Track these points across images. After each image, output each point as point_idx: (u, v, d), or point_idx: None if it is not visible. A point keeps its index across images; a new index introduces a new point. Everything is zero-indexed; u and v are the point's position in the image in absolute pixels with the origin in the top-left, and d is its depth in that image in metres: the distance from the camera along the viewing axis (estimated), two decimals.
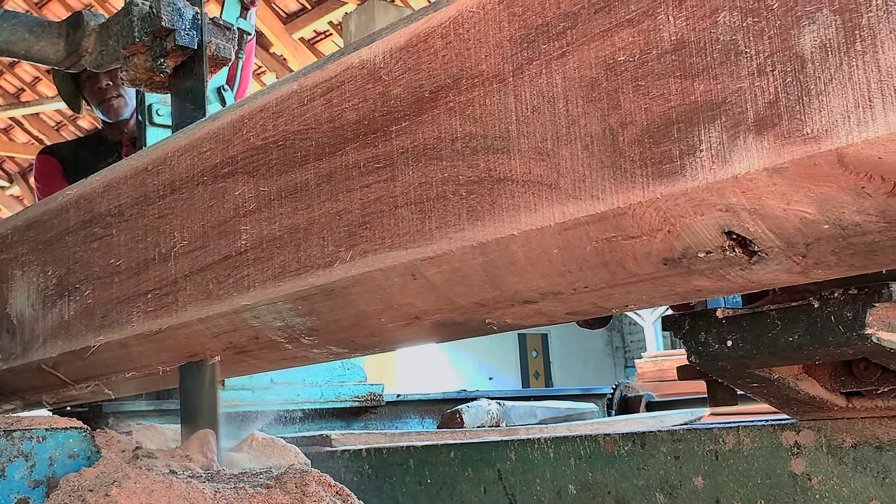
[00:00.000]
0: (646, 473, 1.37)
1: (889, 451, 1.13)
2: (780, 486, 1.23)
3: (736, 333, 1.00)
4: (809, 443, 1.20)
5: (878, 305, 0.88)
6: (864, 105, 0.64)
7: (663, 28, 0.76)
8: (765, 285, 0.83)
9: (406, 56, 0.98)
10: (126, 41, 2.04)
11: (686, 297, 0.88)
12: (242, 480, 1.16)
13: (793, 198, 0.70)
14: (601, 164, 0.80)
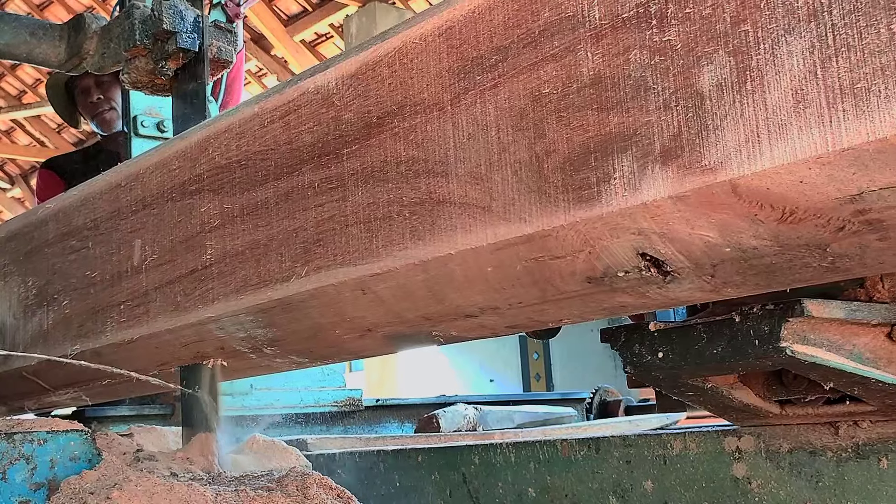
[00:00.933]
0: (600, 477, 1.43)
1: (822, 455, 1.19)
2: (723, 490, 1.28)
3: (666, 346, 1.06)
4: (749, 448, 1.26)
5: (791, 320, 0.94)
6: (753, 140, 0.70)
7: (583, 64, 0.82)
8: (682, 302, 0.89)
9: (356, 83, 1.04)
10: (127, 44, 2.05)
11: (613, 313, 0.94)
12: (244, 483, 1.17)
13: (696, 223, 0.76)
14: (529, 188, 0.86)
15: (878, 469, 1.14)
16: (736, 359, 0.99)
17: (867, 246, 0.72)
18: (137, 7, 2.05)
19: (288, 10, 13.17)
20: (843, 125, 0.65)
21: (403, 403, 2.69)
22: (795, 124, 0.68)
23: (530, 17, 0.86)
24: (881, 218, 0.69)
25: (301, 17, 13.10)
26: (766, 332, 0.95)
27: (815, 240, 0.73)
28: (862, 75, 0.64)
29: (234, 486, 1.13)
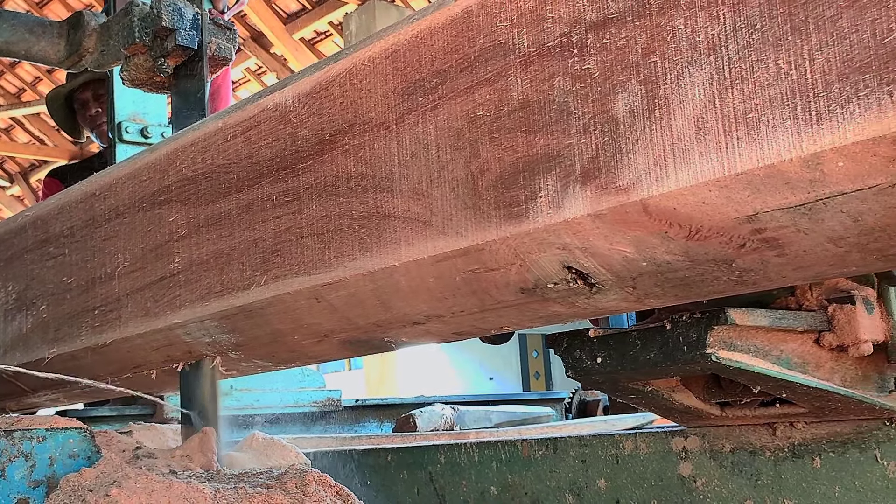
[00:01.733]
0: (557, 476, 1.48)
1: (761, 455, 1.24)
2: (671, 488, 1.34)
3: (605, 351, 1.11)
4: (695, 448, 1.31)
5: (716, 328, 0.99)
6: (660, 163, 0.75)
7: (513, 88, 0.87)
8: (611, 312, 0.94)
9: (311, 101, 1.09)
10: (127, 41, 2.05)
11: (549, 321, 0.99)
12: (242, 480, 1.17)
13: (613, 239, 0.82)
14: (465, 205, 0.91)
15: (812, 468, 1.19)
16: (667, 364, 1.04)
17: (768, 261, 0.78)
18: (137, 4, 2.05)
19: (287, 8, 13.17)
20: (737, 151, 0.71)
21: (382, 403, 2.75)
22: (697, 150, 0.73)
23: (467, 44, 0.92)
24: (776, 236, 0.74)
25: (300, 15, 13.10)
26: (693, 338, 1.00)
27: (721, 255, 0.79)
28: (753, 106, 0.70)
29: (232, 484, 1.13)
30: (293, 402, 2.45)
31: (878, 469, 1.14)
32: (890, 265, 0.77)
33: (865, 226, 0.70)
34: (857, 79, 0.65)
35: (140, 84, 2.12)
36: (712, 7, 0.73)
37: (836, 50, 0.66)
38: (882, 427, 1.14)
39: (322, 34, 13.53)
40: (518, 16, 0.87)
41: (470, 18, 0.92)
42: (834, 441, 1.18)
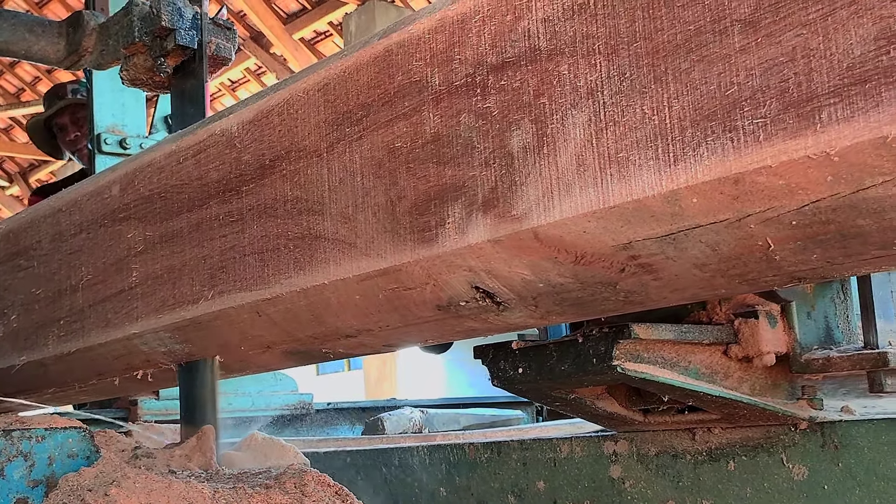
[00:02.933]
0: (500, 478, 1.56)
1: (682, 458, 1.32)
2: (602, 489, 1.42)
3: (525, 362, 1.19)
4: (624, 451, 1.39)
5: (622, 342, 1.07)
6: (548, 195, 0.83)
7: (426, 123, 0.95)
8: (520, 327, 1.02)
9: (253, 128, 1.17)
10: (126, 41, 2.05)
11: (467, 335, 1.07)
12: (241, 480, 1.16)
13: (512, 263, 0.89)
14: (385, 229, 0.99)
15: (727, 471, 1.27)
16: (580, 375, 1.12)
17: (647, 284, 0.86)
18: (136, 4, 2.05)
19: (287, 9, 13.15)
20: (610, 187, 0.79)
21: (354, 407, 2.82)
22: (578, 184, 0.81)
23: (387, 80, 1.00)
24: (650, 262, 0.82)
25: (300, 16, 13.07)
26: (602, 351, 1.08)
27: (606, 279, 0.86)
28: (623, 146, 0.78)
29: (231, 484, 1.13)
30: (265, 405, 2.52)
31: (785, 472, 1.22)
32: (753, 288, 0.85)
33: (723, 254, 0.78)
34: (706, 125, 0.72)
35: (140, 84, 2.11)
36: (590, 56, 0.81)
37: (689, 99, 0.74)
38: (788, 432, 1.22)
39: (322, 34, 13.51)
40: (431, 56, 0.95)
41: (390, 57, 1.00)
42: (746, 445, 1.25)
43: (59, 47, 2.27)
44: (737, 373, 1.19)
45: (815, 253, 0.75)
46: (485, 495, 1.59)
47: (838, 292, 1.23)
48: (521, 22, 0.87)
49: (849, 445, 1.16)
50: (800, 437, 1.21)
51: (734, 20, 0.71)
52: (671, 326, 1.10)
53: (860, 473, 1.15)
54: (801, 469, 1.20)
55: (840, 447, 1.17)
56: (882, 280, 1.16)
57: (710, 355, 1.16)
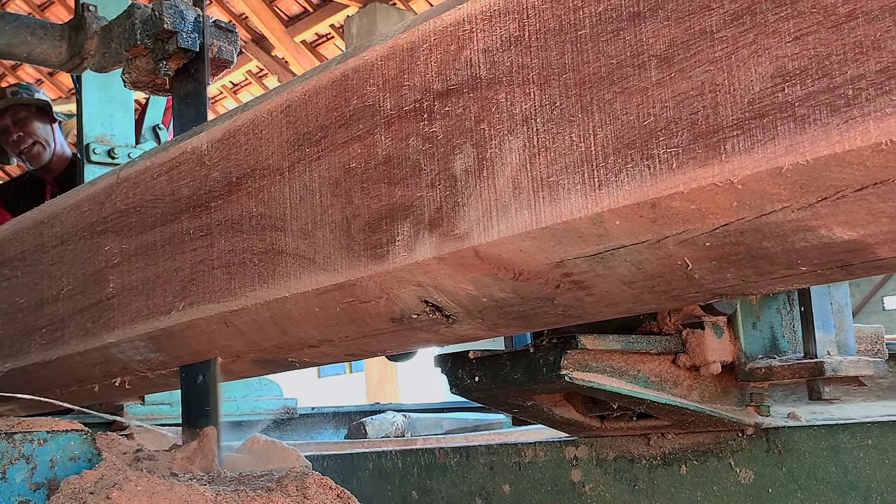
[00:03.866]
0: (469, 481, 1.61)
1: (638, 463, 1.37)
2: (564, 493, 1.47)
3: (481, 371, 1.24)
4: (584, 456, 1.44)
5: (570, 352, 1.12)
6: (487, 216, 0.88)
7: (379, 145, 1.00)
8: (471, 339, 1.07)
9: (222, 147, 1.22)
10: (128, 44, 2.04)
11: (423, 346, 1.12)
12: (243, 483, 1.16)
13: (457, 279, 0.94)
14: (341, 245, 1.04)
15: (679, 475, 1.32)
16: (531, 383, 1.17)
17: (582, 299, 0.91)
18: (139, 7, 2.05)
19: (288, 11, 13.15)
20: (542, 209, 0.84)
21: (338, 411, 2.87)
22: (514, 206, 0.86)
23: (343, 103, 1.05)
24: (582, 279, 0.87)
25: (302, 18, 13.06)
26: (551, 361, 1.13)
27: (543, 294, 0.92)
28: (554, 171, 0.83)
29: (233, 486, 1.13)
30: (250, 410, 2.57)
31: (733, 476, 1.27)
32: (680, 304, 0.90)
33: (647, 272, 0.83)
34: (626, 153, 0.78)
35: (141, 86, 2.10)
36: (525, 85, 0.86)
37: (612, 128, 0.79)
38: (736, 438, 1.27)
39: (323, 37, 13.49)
40: (383, 81, 1.00)
41: (347, 81, 1.05)
42: (697, 450, 1.31)
43: (61, 50, 2.28)
44: (686, 381, 1.24)
45: (729, 272, 0.80)
46: (454, 498, 1.64)
47: (784, 303, 1.28)
48: (464, 52, 0.92)
49: (791, 450, 1.21)
50: (747, 442, 1.26)
51: (651, 55, 0.76)
52: (619, 337, 1.15)
53: (801, 477, 1.20)
54: (747, 473, 1.25)
55: (783, 452, 1.22)
56: (822, 292, 1.21)
57: (660, 364, 1.21)
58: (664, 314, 1.24)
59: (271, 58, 13.86)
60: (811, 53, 0.67)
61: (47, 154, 3.26)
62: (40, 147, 3.25)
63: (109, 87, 2.82)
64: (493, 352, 1.23)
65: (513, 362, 1.18)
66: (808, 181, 0.68)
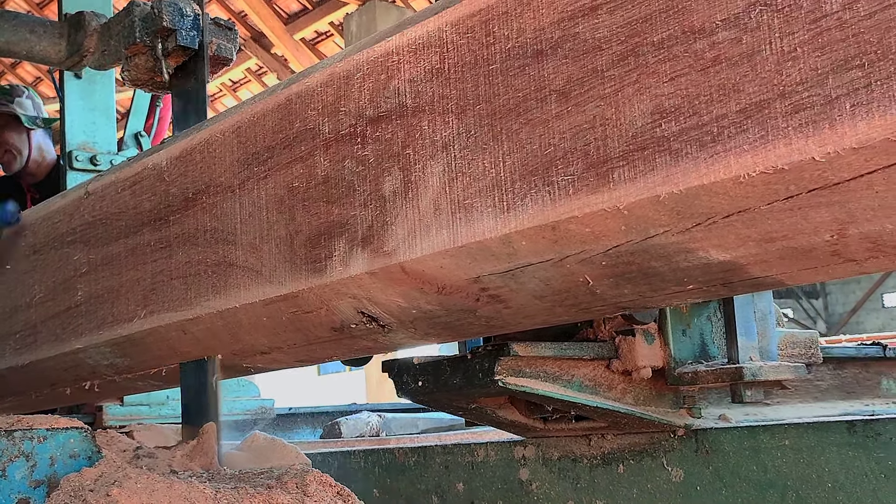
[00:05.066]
0: (426, 480, 1.68)
1: (580, 462, 1.44)
2: (513, 491, 1.54)
3: (424, 376, 1.31)
4: (531, 456, 1.51)
5: (503, 359, 1.19)
6: (412, 235, 0.95)
7: (318, 166, 1.07)
8: (407, 346, 1.14)
9: (180, 164, 1.29)
10: (127, 41, 2.02)
11: (366, 353, 1.19)
12: (243, 480, 1.16)
13: (388, 292, 1.01)
14: (285, 259, 1.11)
15: (617, 473, 1.39)
16: (469, 388, 1.24)
17: (500, 311, 0.98)
18: (138, 4, 2.03)
19: (288, 9, 13.10)
20: (459, 229, 0.91)
21: (315, 411, 2.94)
22: (434, 226, 0.93)
23: (288, 126, 1.12)
24: (498, 294, 0.94)
25: (301, 16, 13.00)
26: (486, 367, 1.20)
27: (465, 306, 0.99)
28: (469, 194, 0.90)
29: (233, 484, 1.13)
30: (227, 410, 2.64)
31: (665, 474, 1.34)
32: (590, 316, 0.97)
33: (555, 288, 0.90)
34: (530, 179, 0.85)
35: (141, 84, 2.10)
36: (445, 114, 0.93)
37: (519, 156, 0.86)
38: (668, 439, 1.34)
39: (323, 34, 13.44)
40: (322, 106, 1.07)
41: (291, 105, 1.12)
42: (633, 450, 1.38)
43: (60, 48, 2.26)
44: (620, 385, 1.31)
45: (626, 288, 0.87)
46: (412, 496, 1.71)
47: (715, 311, 1.35)
48: (393, 81, 0.99)
49: (717, 451, 1.28)
50: (678, 443, 1.33)
51: (552, 90, 0.83)
52: (551, 344, 1.22)
53: (726, 475, 1.27)
54: (678, 472, 1.32)
55: (710, 452, 1.29)
56: (745, 301, 1.28)
57: (594, 369, 1.28)
58: (599, 322, 1.31)
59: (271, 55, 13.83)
60: (684, 93, 0.74)
61: (17, 163, 3.26)
62: (10, 156, 3.25)
63: (92, 95, 2.89)
64: (435, 357, 1.30)
65: (452, 368, 1.26)
66: (683, 208, 0.75)
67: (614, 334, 1.29)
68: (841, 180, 0.67)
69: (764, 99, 0.69)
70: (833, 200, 0.69)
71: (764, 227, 0.74)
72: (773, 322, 1.31)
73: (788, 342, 1.48)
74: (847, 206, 0.69)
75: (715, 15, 0.73)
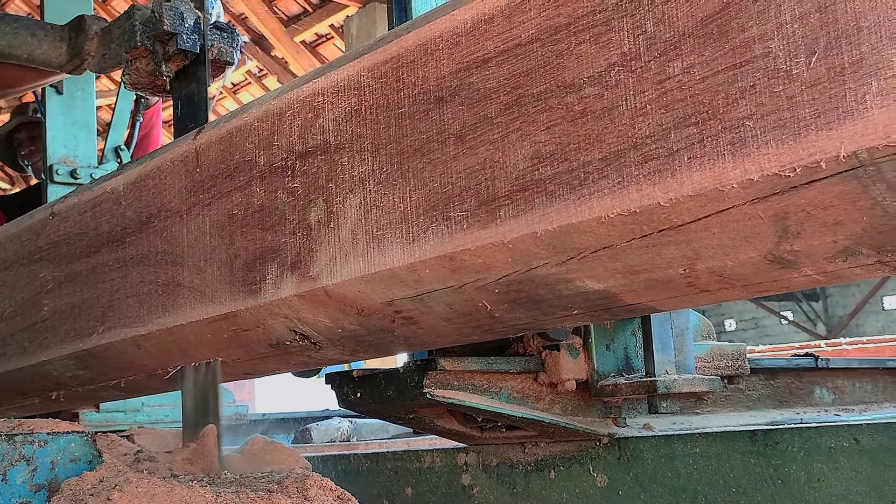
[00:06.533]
0: (378, 485, 1.77)
1: (516, 468, 1.53)
2: (456, 495, 1.62)
3: (362, 388, 1.40)
4: (473, 462, 1.60)
5: (431, 372, 1.28)
6: (333, 262, 1.04)
7: (255, 195, 1.16)
8: (337, 362, 1.23)
9: (135, 189, 1.38)
10: (128, 45, 2.03)
11: (305, 367, 1.28)
12: (244, 484, 1.16)
13: (315, 313, 1.10)
14: (225, 280, 1.20)
15: (549, 479, 1.48)
16: (401, 400, 1.33)
17: (415, 332, 1.06)
18: (139, 8, 2.05)
19: (288, 11, 13.09)
20: (373, 257, 0.99)
21: (288, 417, 3.03)
22: (352, 254, 1.02)
23: (229, 157, 1.20)
24: (411, 316, 1.03)
25: (301, 18, 13.02)
26: (416, 380, 1.29)
27: (384, 327, 1.07)
28: (382, 226, 0.99)
29: (234, 488, 1.13)
30: None
31: (591, 480, 1.43)
32: (495, 336, 1.05)
33: (458, 311, 0.99)
34: (432, 214, 0.93)
35: (141, 88, 2.10)
36: (362, 152, 1.01)
37: (422, 192, 0.94)
38: (595, 446, 1.43)
39: (323, 37, 13.41)
40: (259, 140, 1.16)
41: (232, 138, 1.20)
42: (564, 457, 1.46)
43: (61, 51, 2.27)
44: (548, 396, 1.40)
45: (520, 312, 0.96)
46: (365, 500, 1.79)
47: (639, 327, 1.44)
48: (318, 119, 1.08)
49: (637, 458, 1.37)
50: (603, 450, 1.41)
51: (450, 133, 0.92)
52: (478, 359, 1.31)
53: (645, 481, 1.36)
54: (602, 477, 1.41)
55: (631, 459, 1.37)
56: (663, 318, 1.37)
57: (522, 382, 1.37)
58: (528, 337, 1.40)
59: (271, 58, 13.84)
60: (558, 141, 0.83)
61: None
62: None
63: (73, 110, 2.98)
64: (372, 370, 1.39)
65: (387, 381, 1.34)
66: (557, 244, 0.84)
67: (541, 349, 1.37)
68: (683, 223, 0.76)
69: (621, 149, 0.78)
70: (680, 240, 0.78)
71: (627, 261, 0.83)
72: (691, 337, 1.40)
73: (716, 355, 1.57)
74: (692, 244, 0.78)
75: (583, 72, 0.82)
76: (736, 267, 0.79)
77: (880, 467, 1.13)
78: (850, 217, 0.69)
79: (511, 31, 0.88)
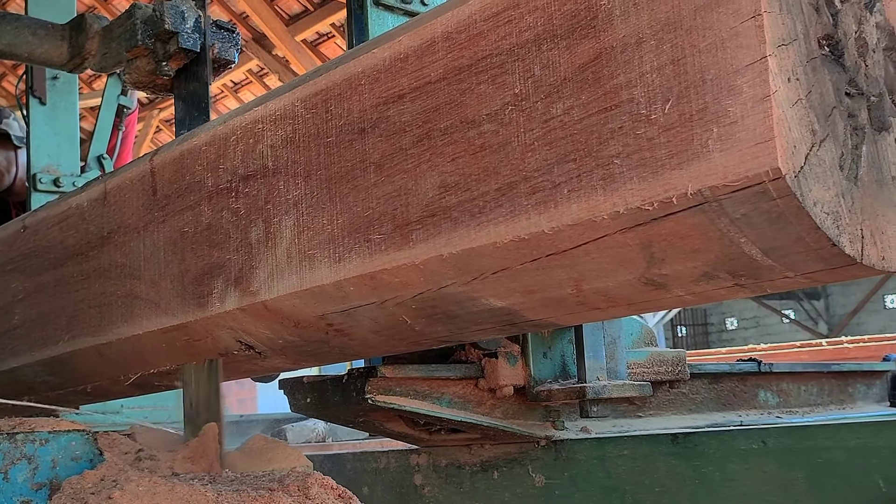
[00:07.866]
0: None
1: (463, 469, 1.61)
2: (408, 494, 1.70)
3: (312, 393, 1.48)
4: (424, 463, 1.68)
5: (372, 379, 1.36)
6: (271, 277, 1.12)
7: (203, 214, 1.24)
8: (282, 370, 1.31)
9: (98, 205, 1.46)
10: (129, 44, 2.03)
11: (252, 374, 1.36)
12: (245, 483, 1.16)
13: (257, 325, 1.18)
14: (177, 294, 1.28)
15: (493, 479, 1.56)
16: (347, 405, 1.41)
17: (348, 343, 1.15)
18: (139, 7, 2.04)
19: (289, 10, 13.06)
20: (305, 275, 1.07)
21: (265, 418, 3.11)
22: (287, 271, 1.10)
23: (181, 177, 1.28)
24: (342, 328, 1.11)
25: (302, 17, 12.97)
26: (359, 387, 1.37)
27: (319, 338, 1.15)
28: (313, 245, 1.07)
29: (235, 486, 1.13)
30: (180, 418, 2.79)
31: (530, 480, 1.51)
32: (420, 348, 1.13)
33: (383, 325, 1.07)
34: (355, 235, 1.01)
35: (142, 87, 2.09)
36: (296, 177, 1.09)
37: (347, 216, 1.02)
38: (534, 448, 1.51)
39: (324, 36, 13.41)
40: (207, 163, 1.24)
41: (183, 160, 1.28)
42: (506, 458, 1.54)
43: (62, 50, 2.28)
44: (489, 401, 1.48)
45: (438, 326, 1.04)
46: None
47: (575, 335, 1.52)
48: (259, 145, 1.16)
49: (572, 459, 1.45)
50: (541, 452, 1.50)
51: (371, 162, 1.00)
52: (419, 366, 1.39)
53: (580, 481, 1.44)
54: (540, 478, 1.49)
55: (566, 460, 1.46)
56: (595, 327, 1.45)
57: (464, 387, 1.45)
58: (470, 346, 1.48)
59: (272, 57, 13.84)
60: (461, 172, 0.91)
61: (6, 181, 3.41)
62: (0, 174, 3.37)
63: (56, 120, 3.05)
64: (321, 377, 1.47)
65: (333, 387, 1.42)
66: (462, 265, 0.92)
67: (482, 356, 1.45)
68: (566, 248, 0.84)
69: (513, 181, 0.86)
70: (565, 263, 0.86)
71: (523, 282, 0.91)
72: (623, 345, 1.48)
73: (656, 360, 1.65)
74: (576, 268, 0.86)
75: (482, 109, 0.90)
76: (617, 288, 0.87)
77: (785, 468, 1.21)
78: (704, 246, 0.77)
79: (422, 69, 0.96)
